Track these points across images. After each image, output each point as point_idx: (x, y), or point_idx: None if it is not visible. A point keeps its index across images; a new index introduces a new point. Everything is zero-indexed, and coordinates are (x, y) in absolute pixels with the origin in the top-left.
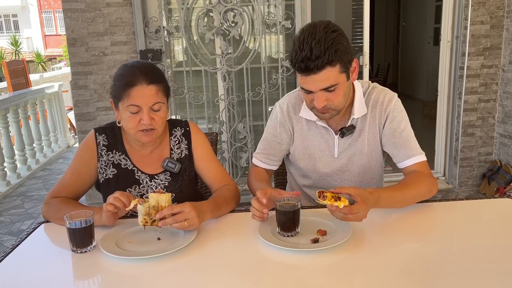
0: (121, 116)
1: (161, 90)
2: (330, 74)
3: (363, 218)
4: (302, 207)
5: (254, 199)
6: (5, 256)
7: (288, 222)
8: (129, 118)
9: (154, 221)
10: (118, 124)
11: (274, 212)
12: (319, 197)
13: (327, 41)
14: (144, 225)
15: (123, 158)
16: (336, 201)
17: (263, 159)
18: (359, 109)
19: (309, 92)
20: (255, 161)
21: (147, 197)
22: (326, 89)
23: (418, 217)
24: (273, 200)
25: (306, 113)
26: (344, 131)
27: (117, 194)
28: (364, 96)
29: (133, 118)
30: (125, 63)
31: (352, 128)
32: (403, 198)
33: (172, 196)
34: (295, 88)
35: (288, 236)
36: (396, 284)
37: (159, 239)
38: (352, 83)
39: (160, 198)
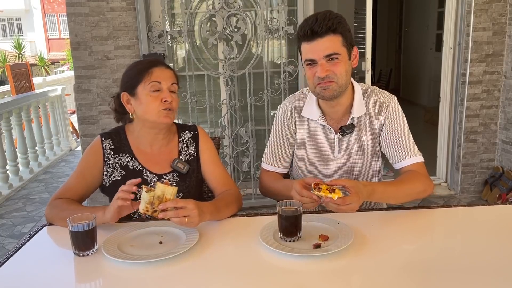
0: (141, 100)
1: (175, 76)
2: (333, 42)
3: (355, 209)
4: (304, 212)
5: (300, 192)
6: (8, 259)
7: (290, 227)
8: (151, 98)
9: (155, 211)
10: (131, 117)
11: (276, 217)
12: (314, 189)
13: (332, 15)
14: (144, 213)
15: (130, 159)
16: (331, 193)
17: (272, 162)
18: (358, 108)
19: (312, 63)
20: (264, 166)
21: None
22: (329, 57)
23: (420, 223)
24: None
25: (307, 113)
26: (344, 129)
27: (123, 187)
28: (363, 97)
29: (155, 98)
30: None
31: (352, 127)
32: (398, 193)
33: (179, 195)
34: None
35: (289, 241)
36: None
37: (161, 243)
38: (352, 84)
39: (166, 190)
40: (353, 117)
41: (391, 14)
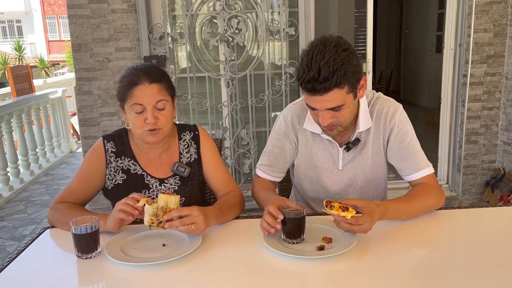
0: (128, 117)
1: (164, 88)
2: (337, 96)
3: (368, 230)
4: (308, 214)
5: (267, 213)
6: (10, 262)
7: (293, 229)
8: (135, 119)
9: (161, 222)
10: (126, 127)
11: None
12: (326, 207)
13: (337, 62)
14: (150, 226)
15: (132, 163)
16: (344, 211)
17: (267, 170)
18: (363, 122)
19: (314, 108)
20: (258, 172)
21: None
22: (332, 109)
23: (422, 225)
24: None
25: (310, 126)
26: (350, 146)
27: (126, 200)
28: (368, 107)
29: (138, 118)
30: (131, 66)
31: (357, 141)
32: (410, 210)
33: (182, 200)
34: (298, 94)
35: (293, 243)
36: None
37: (164, 245)
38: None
39: (169, 200)
40: (358, 132)
41: (391, 16)
